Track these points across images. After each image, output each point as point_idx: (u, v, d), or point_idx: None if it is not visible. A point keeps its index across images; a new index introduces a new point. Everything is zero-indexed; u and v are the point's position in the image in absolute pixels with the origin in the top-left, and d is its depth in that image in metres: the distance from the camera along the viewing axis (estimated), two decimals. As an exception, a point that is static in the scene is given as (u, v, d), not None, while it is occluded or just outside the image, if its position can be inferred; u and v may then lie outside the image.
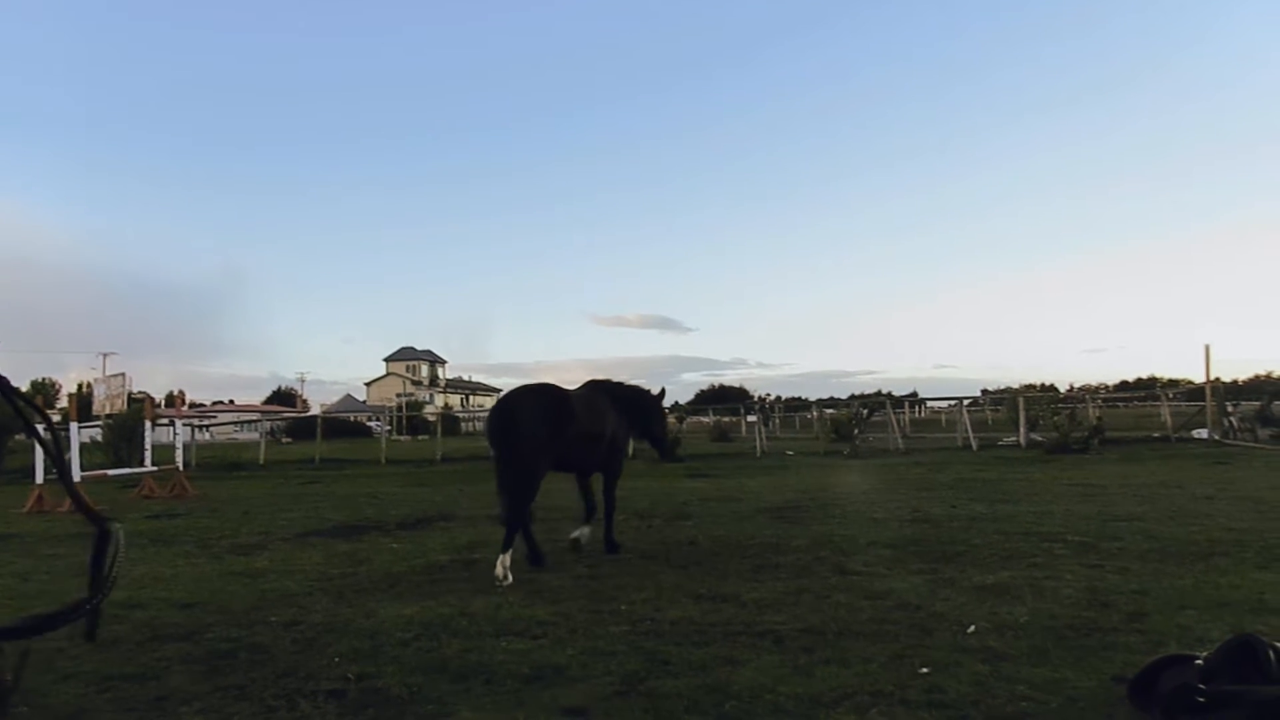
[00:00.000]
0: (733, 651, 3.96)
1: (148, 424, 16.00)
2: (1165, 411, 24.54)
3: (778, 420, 38.84)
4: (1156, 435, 22.00)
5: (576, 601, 5.13)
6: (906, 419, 33.31)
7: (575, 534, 6.94)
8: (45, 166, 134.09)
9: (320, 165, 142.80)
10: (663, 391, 7.81)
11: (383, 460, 23.04)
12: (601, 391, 7.24)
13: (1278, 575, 5.29)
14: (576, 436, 6.48)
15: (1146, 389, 42.92)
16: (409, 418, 55.13)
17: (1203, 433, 21.30)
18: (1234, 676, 2.84)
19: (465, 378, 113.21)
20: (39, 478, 12.32)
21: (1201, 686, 2.85)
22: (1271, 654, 2.81)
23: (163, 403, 23.40)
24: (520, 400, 6.44)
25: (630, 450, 7.37)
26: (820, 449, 22.58)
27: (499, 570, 5.75)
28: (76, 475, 12.49)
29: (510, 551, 5.90)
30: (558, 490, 8.09)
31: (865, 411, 24.35)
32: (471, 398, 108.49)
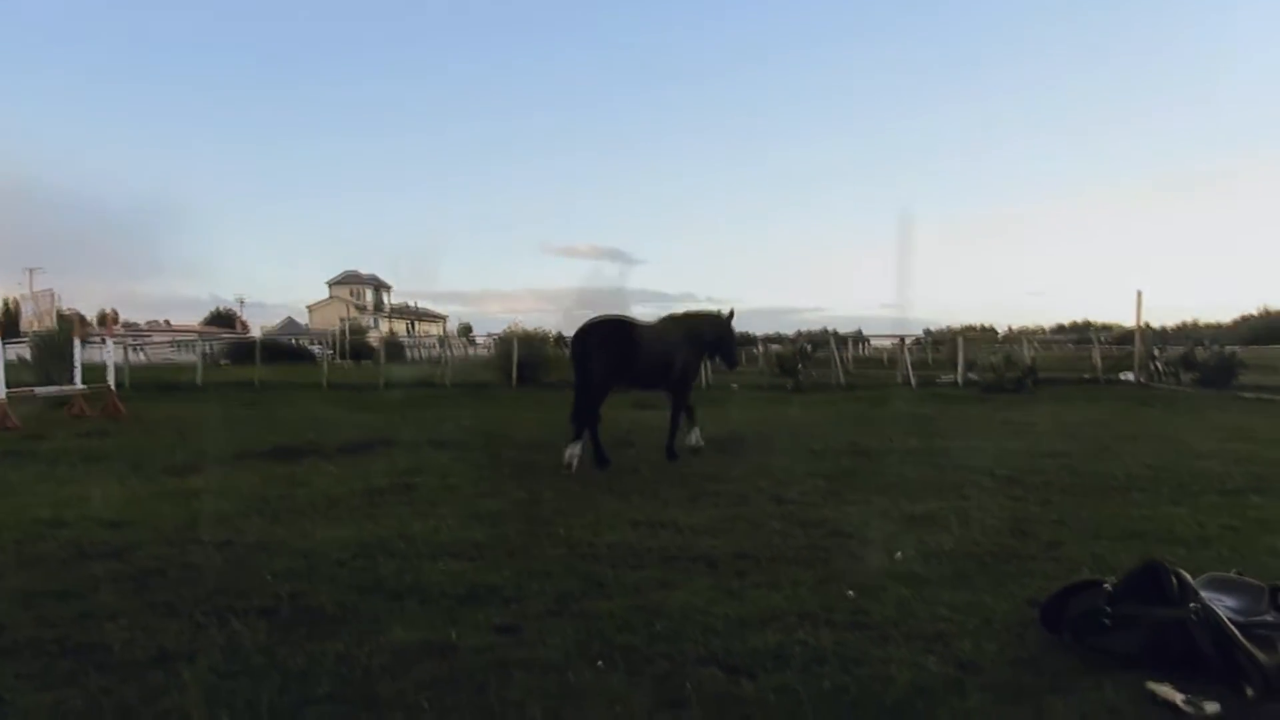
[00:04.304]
0: (667, 575, 4.04)
1: (77, 342, 15.44)
2: (1096, 354, 25.34)
3: (724, 354, 39.06)
4: (1087, 377, 22.75)
5: (515, 525, 5.17)
6: (850, 356, 33.86)
7: (691, 439, 8.19)
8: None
9: (267, 78, 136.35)
10: (731, 313, 8.65)
11: (324, 385, 22.70)
12: (673, 324, 8.36)
13: (1189, 509, 5.56)
14: (644, 360, 7.62)
15: (1080, 333, 44.19)
16: (352, 343, 54.27)
17: (1130, 375, 22.10)
18: (1138, 600, 2.99)
19: (411, 304, 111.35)
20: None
21: (1107, 609, 3.00)
22: (1173, 579, 2.96)
23: (95, 321, 22.63)
24: (595, 329, 7.61)
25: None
26: (765, 383, 22.89)
27: (567, 457, 7.25)
28: (1, 393, 12.08)
29: (580, 443, 7.31)
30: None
31: (810, 348, 24.63)
32: (417, 324, 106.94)
